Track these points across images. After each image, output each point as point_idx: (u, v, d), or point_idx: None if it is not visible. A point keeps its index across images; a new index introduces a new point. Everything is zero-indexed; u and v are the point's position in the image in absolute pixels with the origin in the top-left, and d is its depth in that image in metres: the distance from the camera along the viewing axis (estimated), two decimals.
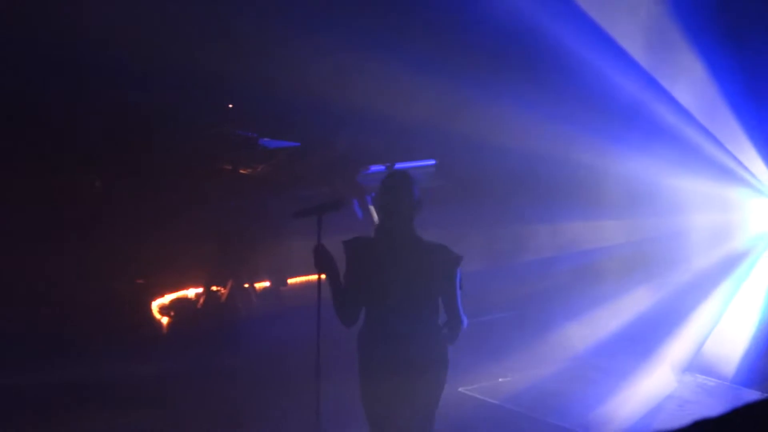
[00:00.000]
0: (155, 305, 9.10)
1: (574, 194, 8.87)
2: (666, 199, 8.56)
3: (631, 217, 8.83)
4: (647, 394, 7.21)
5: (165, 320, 8.94)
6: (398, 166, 9.05)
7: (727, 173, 8.33)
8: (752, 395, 7.35)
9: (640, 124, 8.53)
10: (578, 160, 8.61)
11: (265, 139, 9.30)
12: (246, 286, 9.10)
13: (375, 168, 9.31)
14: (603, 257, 8.88)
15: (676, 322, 8.15)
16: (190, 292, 9.33)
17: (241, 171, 9.18)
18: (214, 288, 9.21)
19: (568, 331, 8.39)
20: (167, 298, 9.22)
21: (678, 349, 7.95)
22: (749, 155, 8.17)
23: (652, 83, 8.39)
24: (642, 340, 8.17)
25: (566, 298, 8.75)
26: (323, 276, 4.70)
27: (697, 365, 7.93)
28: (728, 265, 8.35)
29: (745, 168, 8.27)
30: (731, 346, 7.95)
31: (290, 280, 9.04)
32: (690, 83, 8.19)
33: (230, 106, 9.14)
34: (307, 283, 8.59)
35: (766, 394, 7.25)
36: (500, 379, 7.70)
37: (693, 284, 8.31)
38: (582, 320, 8.46)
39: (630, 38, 8.29)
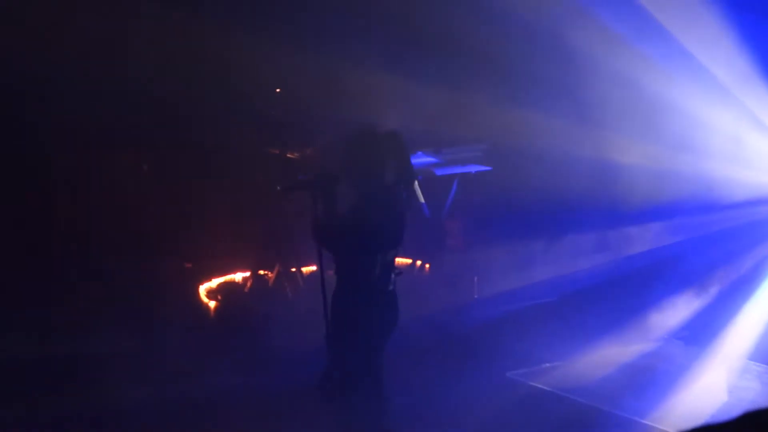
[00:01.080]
0: (203, 289, 9.15)
1: (628, 192, 8.79)
2: (722, 191, 8.42)
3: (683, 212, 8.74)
4: (702, 383, 7.09)
5: (212, 304, 8.97)
6: (445, 151, 9.01)
7: None
8: None
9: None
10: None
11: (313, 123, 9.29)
12: (293, 270, 9.10)
13: (421, 152, 9.25)
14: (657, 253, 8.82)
15: (736, 311, 8.01)
16: (238, 276, 9.37)
17: (289, 155, 9.18)
18: (261, 272, 9.24)
19: (621, 319, 8.29)
20: (214, 282, 9.27)
21: (738, 338, 7.80)
22: None
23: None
24: (700, 328, 8.05)
25: (621, 287, 8.66)
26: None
27: (758, 354, 7.77)
28: None
29: None
30: None
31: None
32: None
33: (278, 90, 9.14)
34: None
35: None
36: (547, 365, 7.63)
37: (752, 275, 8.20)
38: (634, 309, 8.37)
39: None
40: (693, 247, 8.60)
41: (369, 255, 4.69)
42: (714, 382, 7.12)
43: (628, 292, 8.56)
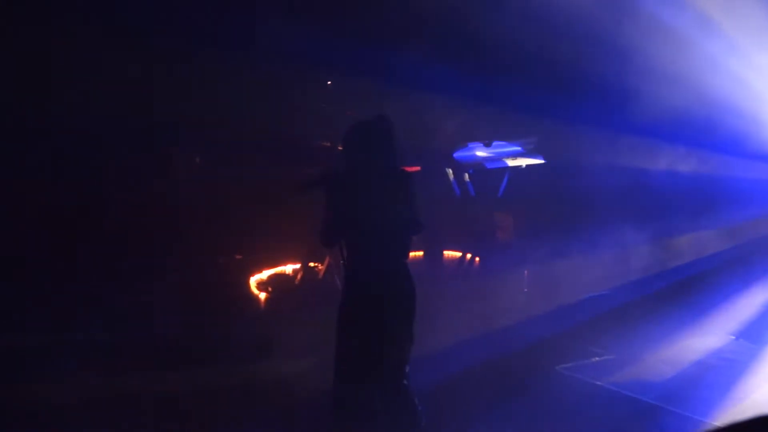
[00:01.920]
0: (253, 281, 9.22)
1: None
2: None
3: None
4: (752, 382, 6.99)
5: (263, 295, 9.04)
6: (496, 144, 8.98)
7: None
8: None
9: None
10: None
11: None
12: (343, 262, 9.11)
13: (472, 145, 9.23)
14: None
15: None
16: (288, 268, 9.43)
17: (340, 148, 9.18)
18: (311, 264, 9.28)
19: (685, 316, 8.20)
20: (265, 274, 9.33)
21: None
22: None
23: None
24: (755, 328, 7.95)
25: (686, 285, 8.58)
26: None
27: None
28: None
29: None
30: None
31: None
32: None
33: (329, 83, 9.17)
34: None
35: None
36: (596, 359, 7.58)
37: None
38: (699, 307, 8.28)
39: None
40: (758, 248, 8.50)
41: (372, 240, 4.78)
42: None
43: (692, 290, 8.44)
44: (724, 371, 7.24)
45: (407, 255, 4.88)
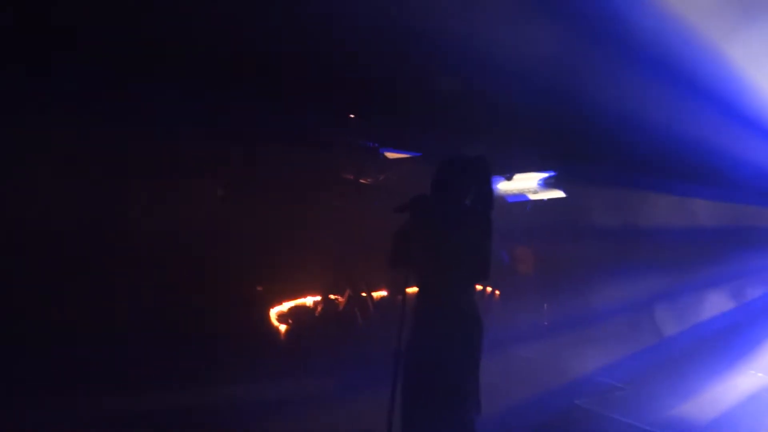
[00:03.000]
0: (273, 312, 9.23)
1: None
2: None
3: None
4: None
5: (283, 327, 9.05)
6: (517, 177, 8.98)
7: None
8: None
9: None
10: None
11: (387, 149, 9.34)
12: (363, 294, 9.14)
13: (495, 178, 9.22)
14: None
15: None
16: (308, 300, 9.43)
17: (362, 181, 9.24)
18: (331, 296, 9.29)
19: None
20: (285, 306, 9.34)
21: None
22: None
23: None
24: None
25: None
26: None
27: None
28: None
29: None
30: None
31: (408, 290, 9.02)
32: None
33: (351, 116, 9.22)
34: None
35: None
36: (617, 393, 7.54)
37: None
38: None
39: None
40: None
41: (450, 277, 4.72)
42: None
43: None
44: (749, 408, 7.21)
45: (472, 301, 4.83)
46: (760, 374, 8.08)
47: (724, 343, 8.19)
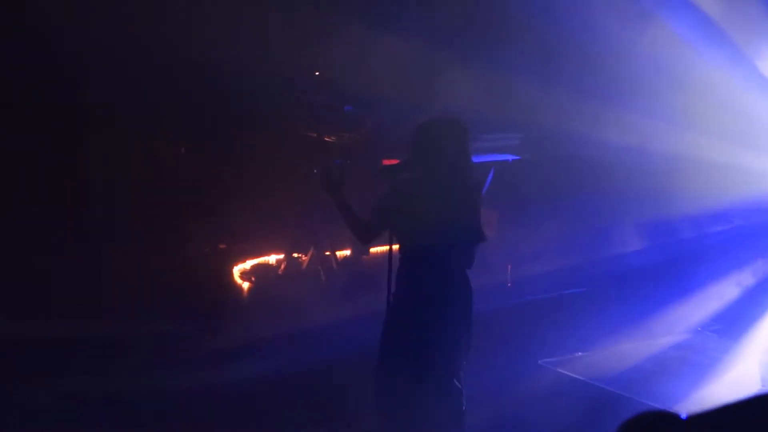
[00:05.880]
0: (236, 270, 9.20)
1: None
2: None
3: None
4: (734, 376, 7.06)
5: (246, 285, 9.03)
6: (482, 137, 8.96)
7: None
8: None
9: None
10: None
11: (351, 107, 9.29)
12: (327, 253, 9.13)
13: None
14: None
15: None
16: (271, 258, 9.42)
17: (326, 138, 9.19)
18: (295, 254, 9.28)
19: (654, 309, 8.26)
20: (248, 264, 9.32)
21: None
22: None
23: None
24: (734, 320, 8.01)
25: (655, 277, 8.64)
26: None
27: None
28: None
29: None
30: None
31: (372, 249, 9.02)
32: None
33: (317, 73, 9.16)
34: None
35: None
36: (579, 353, 7.62)
37: None
38: (667, 299, 8.34)
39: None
40: (730, 239, 8.56)
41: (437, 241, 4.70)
42: (746, 375, 7.09)
43: (662, 282, 8.52)
44: (694, 365, 7.36)
45: (471, 265, 4.82)
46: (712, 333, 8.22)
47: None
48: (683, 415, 1.43)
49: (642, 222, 9.25)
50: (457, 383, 4.79)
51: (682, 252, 8.78)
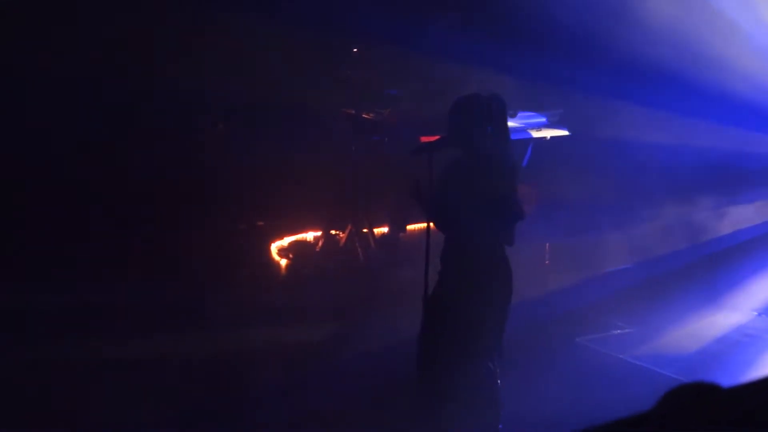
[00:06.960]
0: (274, 247, 9.23)
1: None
2: None
3: None
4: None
5: (283, 262, 9.05)
6: (521, 115, 8.88)
7: None
8: None
9: None
10: None
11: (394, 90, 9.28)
12: (365, 231, 9.11)
13: None
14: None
15: None
16: (309, 236, 9.43)
17: (365, 115, 9.15)
18: (332, 232, 9.27)
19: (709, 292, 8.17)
20: (286, 241, 9.34)
21: None
22: None
23: None
24: None
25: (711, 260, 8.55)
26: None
27: None
28: None
29: None
30: None
31: (409, 227, 9.00)
32: None
33: (355, 50, 9.12)
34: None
35: None
36: (617, 331, 7.55)
37: None
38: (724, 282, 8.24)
39: None
40: None
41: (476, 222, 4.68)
42: None
43: (717, 265, 8.40)
44: (747, 348, 7.23)
45: (511, 242, 4.80)
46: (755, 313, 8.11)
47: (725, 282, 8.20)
48: (724, 386, 1.39)
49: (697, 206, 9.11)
50: (491, 365, 4.77)
51: (738, 239, 8.67)
